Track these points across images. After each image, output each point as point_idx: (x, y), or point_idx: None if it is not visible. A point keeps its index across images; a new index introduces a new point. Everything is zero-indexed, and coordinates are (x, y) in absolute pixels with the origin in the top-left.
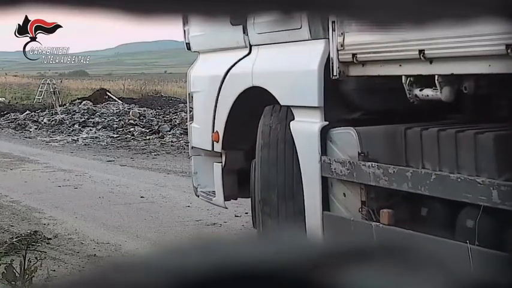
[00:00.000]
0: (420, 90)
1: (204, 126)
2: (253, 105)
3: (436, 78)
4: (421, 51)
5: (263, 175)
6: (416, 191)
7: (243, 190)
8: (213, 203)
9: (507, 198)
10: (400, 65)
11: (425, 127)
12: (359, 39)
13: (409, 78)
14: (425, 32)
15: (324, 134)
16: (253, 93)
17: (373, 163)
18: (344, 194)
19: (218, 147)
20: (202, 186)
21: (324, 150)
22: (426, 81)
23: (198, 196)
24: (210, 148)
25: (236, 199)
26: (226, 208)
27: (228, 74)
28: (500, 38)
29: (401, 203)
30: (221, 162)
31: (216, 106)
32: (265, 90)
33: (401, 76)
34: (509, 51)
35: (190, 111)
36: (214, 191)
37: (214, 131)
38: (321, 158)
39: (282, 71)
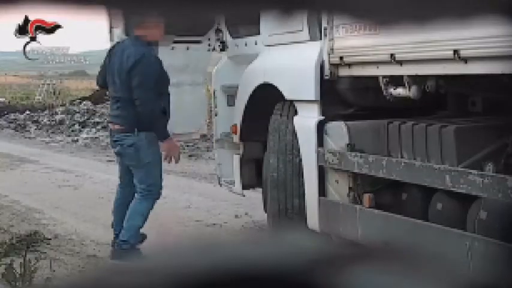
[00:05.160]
0: (394, 89)
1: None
2: (267, 100)
3: (404, 78)
4: (392, 55)
5: (272, 164)
6: (390, 177)
7: (261, 180)
8: (233, 191)
9: (457, 181)
10: (377, 67)
11: (403, 122)
12: (345, 43)
13: (384, 79)
14: (394, 37)
15: (320, 127)
16: (266, 89)
17: (357, 153)
18: (336, 181)
19: (236, 139)
20: (225, 176)
21: (320, 141)
22: (398, 81)
23: (221, 185)
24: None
25: (254, 188)
26: (244, 196)
27: (245, 71)
28: (449, 43)
29: (383, 188)
30: (239, 154)
31: (235, 100)
32: (274, 86)
33: (378, 76)
34: (456, 55)
35: (215, 106)
36: (234, 181)
37: (233, 124)
38: (317, 148)
39: (286, 69)
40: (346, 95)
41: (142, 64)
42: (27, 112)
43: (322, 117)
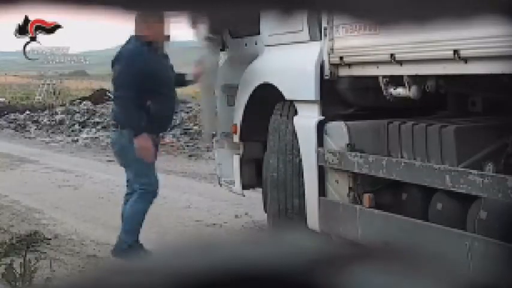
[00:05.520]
0: (394, 89)
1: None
2: (267, 100)
3: (404, 78)
4: (392, 55)
5: (272, 164)
6: (390, 177)
7: (261, 180)
8: (233, 191)
9: (457, 181)
10: (377, 67)
11: (403, 122)
12: (345, 43)
13: (384, 79)
14: (394, 37)
15: (320, 127)
16: (266, 89)
17: (357, 153)
18: (336, 181)
19: (236, 138)
20: (225, 176)
21: (320, 141)
22: (398, 81)
23: (221, 185)
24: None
25: (254, 188)
26: (244, 196)
27: (245, 71)
28: (449, 43)
29: (383, 188)
30: (239, 154)
31: (235, 100)
32: (274, 86)
33: (378, 76)
34: (456, 55)
35: (215, 107)
36: (234, 181)
37: (233, 123)
38: (317, 148)
39: (286, 69)
40: (346, 95)
41: (122, 62)
42: (27, 112)
43: (322, 117)
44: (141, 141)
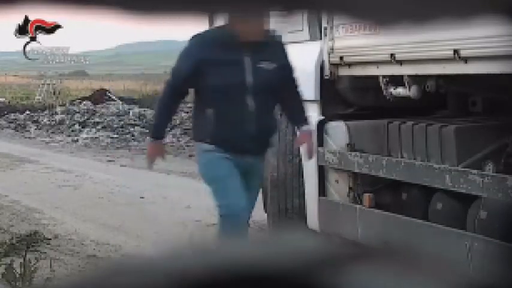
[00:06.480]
0: (394, 89)
1: None
2: None
3: (404, 78)
4: (392, 55)
5: (272, 163)
6: (390, 177)
7: None
8: None
9: (457, 181)
10: (377, 67)
11: (403, 122)
12: (345, 43)
13: (384, 78)
14: (394, 37)
15: (321, 127)
16: None
17: (357, 153)
18: (336, 181)
19: None
20: None
21: (320, 141)
22: (398, 81)
23: None
24: None
25: None
26: None
27: None
28: (449, 44)
29: (383, 188)
30: None
31: None
32: None
33: (378, 76)
34: (456, 55)
35: None
36: None
37: None
38: (317, 148)
39: None
40: (346, 95)
41: (186, 47)
42: (27, 112)
43: (322, 117)
44: (149, 147)
